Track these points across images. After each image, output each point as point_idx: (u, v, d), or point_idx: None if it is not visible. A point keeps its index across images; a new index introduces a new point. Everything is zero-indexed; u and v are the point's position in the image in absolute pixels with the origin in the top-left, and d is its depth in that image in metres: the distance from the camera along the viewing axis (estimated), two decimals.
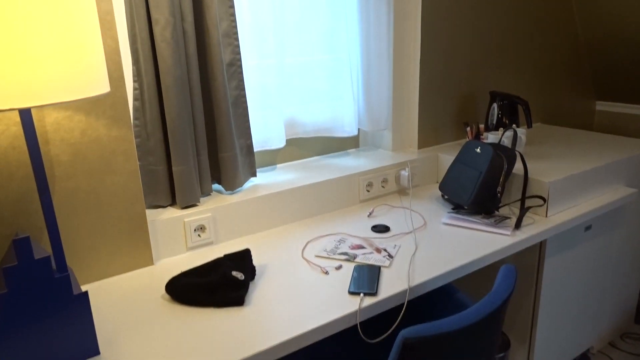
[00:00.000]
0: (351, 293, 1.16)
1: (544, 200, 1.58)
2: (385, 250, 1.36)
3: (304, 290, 1.18)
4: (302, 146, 1.86)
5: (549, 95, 2.54)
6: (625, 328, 2.26)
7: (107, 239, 1.24)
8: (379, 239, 1.44)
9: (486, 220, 1.55)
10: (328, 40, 1.77)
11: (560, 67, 2.54)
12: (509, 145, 1.79)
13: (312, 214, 1.62)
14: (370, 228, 1.52)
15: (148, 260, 1.30)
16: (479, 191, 1.57)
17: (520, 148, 1.92)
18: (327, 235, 1.48)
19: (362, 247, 1.38)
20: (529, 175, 1.65)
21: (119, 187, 1.23)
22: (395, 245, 1.39)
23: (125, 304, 1.14)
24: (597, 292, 1.97)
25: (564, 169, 1.70)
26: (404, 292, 1.17)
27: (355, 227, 1.53)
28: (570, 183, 1.65)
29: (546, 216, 1.60)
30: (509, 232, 1.47)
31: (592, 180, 1.75)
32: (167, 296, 1.16)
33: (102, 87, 0.90)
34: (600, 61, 2.61)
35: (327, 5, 1.72)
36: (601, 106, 2.81)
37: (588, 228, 1.78)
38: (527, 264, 1.67)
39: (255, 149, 1.65)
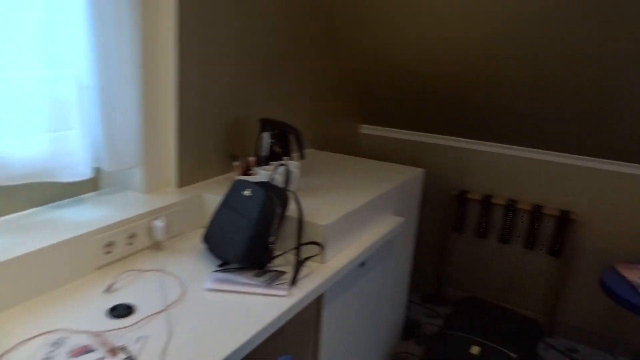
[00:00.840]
0: None
1: (322, 246, 1.41)
2: (123, 349, 0.98)
3: None
4: (9, 196, 1.33)
5: (319, 121, 2.48)
6: (395, 348, 2.32)
7: None
8: (118, 331, 1.04)
9: (259, 279, 1.29)
10: (45, 51, 1.28)
11: (329, 93, 2.50)
12: (282, 183, 1.59)
13: (18, 300, 1.11)
14: (107, 312, 1.11)
15: None
16: (248, 244, 1.31)
17: (293, 184, 1.74)
18: (38, 335, 1.01)
19: (89, 351, 0.97)
20: (304, 217, 1.46)
21: None
22: (138, 338, 1.02)
23: None
24: (372, 323, 1.93)
25: (339, 207, 1.56)
26: None
27: (84, 313, 1.10)
28: (346, 222, 1.53)
29: (323, 262, 1.43)
30: (285, 292, 1.24)
31: (365, 214, 1.66)
32: None
33: None
34: (363, 87, 2.68)
35: (43, 6, 1.24)
36: (366, 129, 2.90)
37: (362, 264, 1.69)
38: (303, 317, 1.48)
39: None
